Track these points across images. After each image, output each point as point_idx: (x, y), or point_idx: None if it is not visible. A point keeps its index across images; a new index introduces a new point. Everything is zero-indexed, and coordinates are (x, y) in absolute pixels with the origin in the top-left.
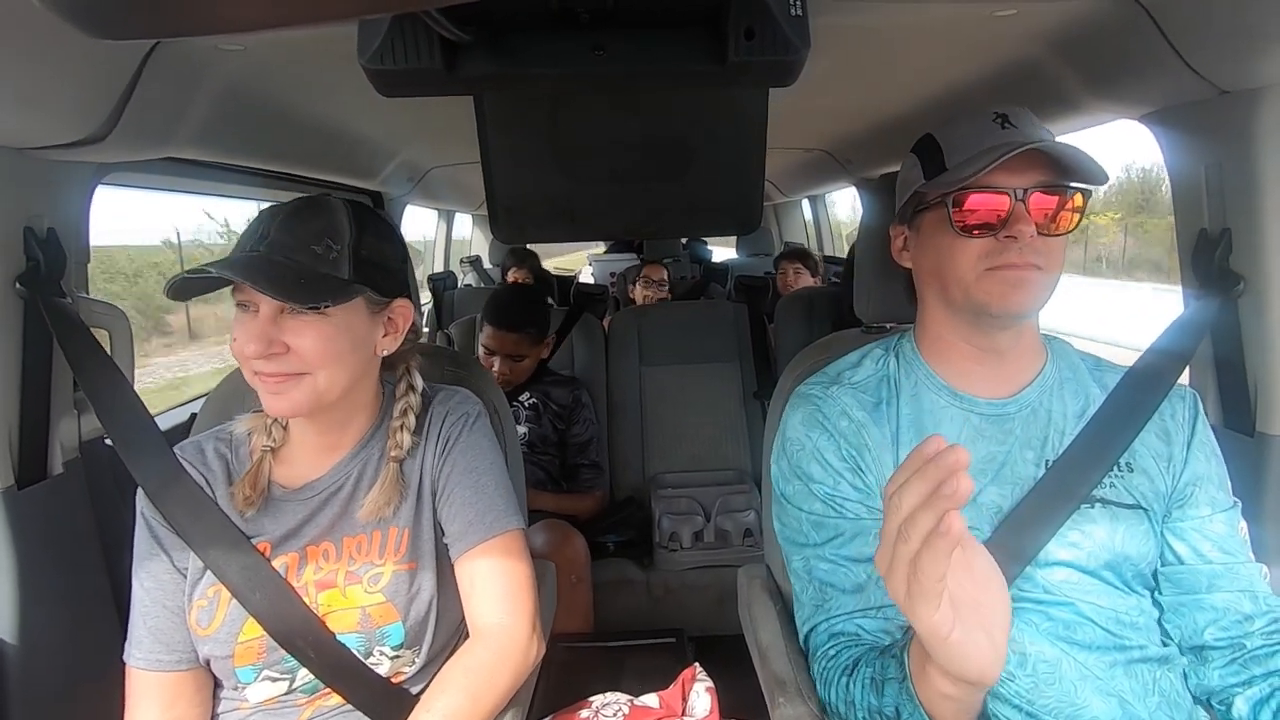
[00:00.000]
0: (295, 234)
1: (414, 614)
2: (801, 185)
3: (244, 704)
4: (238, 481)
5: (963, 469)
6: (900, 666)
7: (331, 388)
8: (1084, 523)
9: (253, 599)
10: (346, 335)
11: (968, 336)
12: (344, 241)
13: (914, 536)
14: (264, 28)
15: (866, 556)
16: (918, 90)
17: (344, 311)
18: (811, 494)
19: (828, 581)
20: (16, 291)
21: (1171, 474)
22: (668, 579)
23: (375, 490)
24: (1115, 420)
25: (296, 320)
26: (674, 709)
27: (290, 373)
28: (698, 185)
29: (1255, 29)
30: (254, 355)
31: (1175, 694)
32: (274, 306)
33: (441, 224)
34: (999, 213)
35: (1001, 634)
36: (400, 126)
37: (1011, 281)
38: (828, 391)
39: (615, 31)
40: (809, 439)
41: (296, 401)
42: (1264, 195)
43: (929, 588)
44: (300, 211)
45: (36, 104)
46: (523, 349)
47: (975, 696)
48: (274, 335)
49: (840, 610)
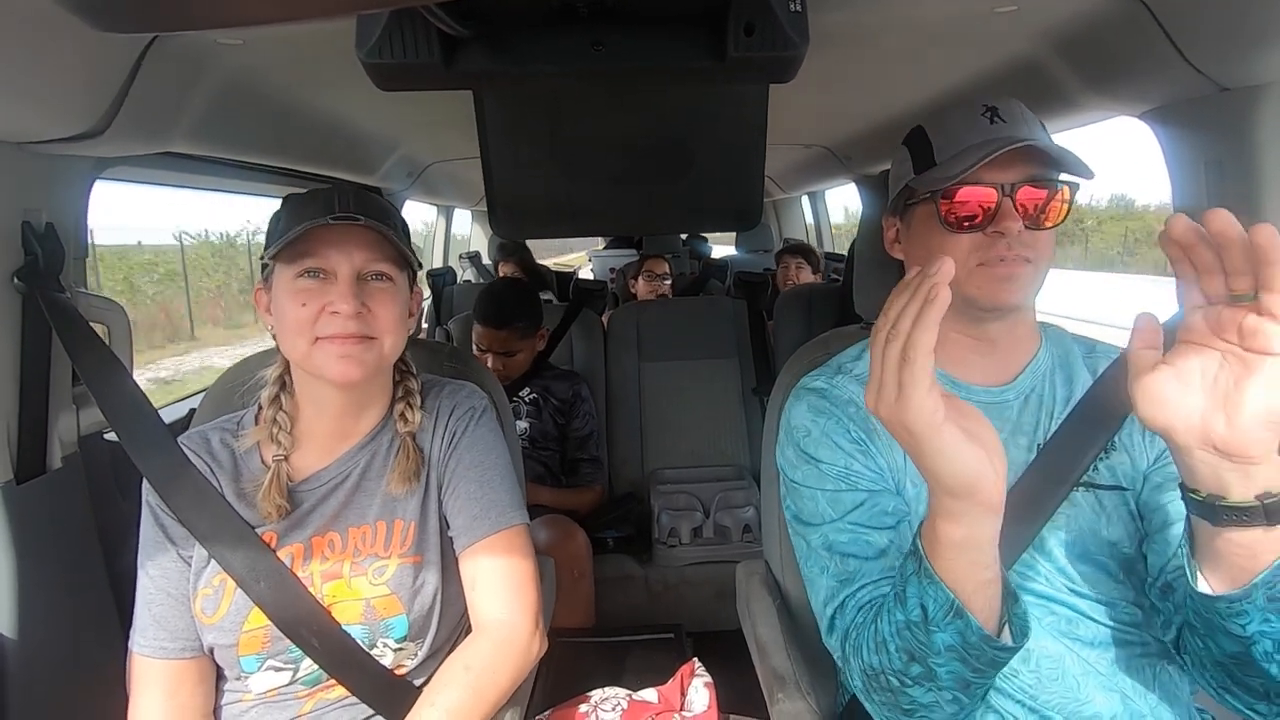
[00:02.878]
0: (371, 207)
1: (418, 607)
2: (801, 182)
3: (246, 695)
4: (263, 493)
5: (948, 272)
6: (914, 556)
7: (392, 354)
8: (1072, 508)
9: (257, 588)
10: (404, 304)
11: (961, 327)
12: (397, 220)
13: (904, 320)
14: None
15: (885, 524)
16: (917, 87)
17: (404, 281)
18: (823, 474)
19: (849, 552)
20: (15, 286)
21: (1156, 444)
22: (667, 574)
23: (400, 461)
24: (1102, 405)
25: (372, 286)
26: (672, 704)
27: (367, 335)
28: (697, 181)
29: (1255, 26)
30: (349, 313)
31: (1175, 688)
32: (355, 270)
33: (440, 220)
34: (987, 208)
35: (999, 459)
36: (399, 121)
37: (1000, 277)
38: (832, 381)
39: (615, 27)
40: (816, 425)
41: (366, 365)
42: (1263, 191)
43: (920, 365)
44: (360, 191)
45: (35, 98)
46: (514, 344)
47: (983, 529)
48: (360, 297)
49: (867, 578)
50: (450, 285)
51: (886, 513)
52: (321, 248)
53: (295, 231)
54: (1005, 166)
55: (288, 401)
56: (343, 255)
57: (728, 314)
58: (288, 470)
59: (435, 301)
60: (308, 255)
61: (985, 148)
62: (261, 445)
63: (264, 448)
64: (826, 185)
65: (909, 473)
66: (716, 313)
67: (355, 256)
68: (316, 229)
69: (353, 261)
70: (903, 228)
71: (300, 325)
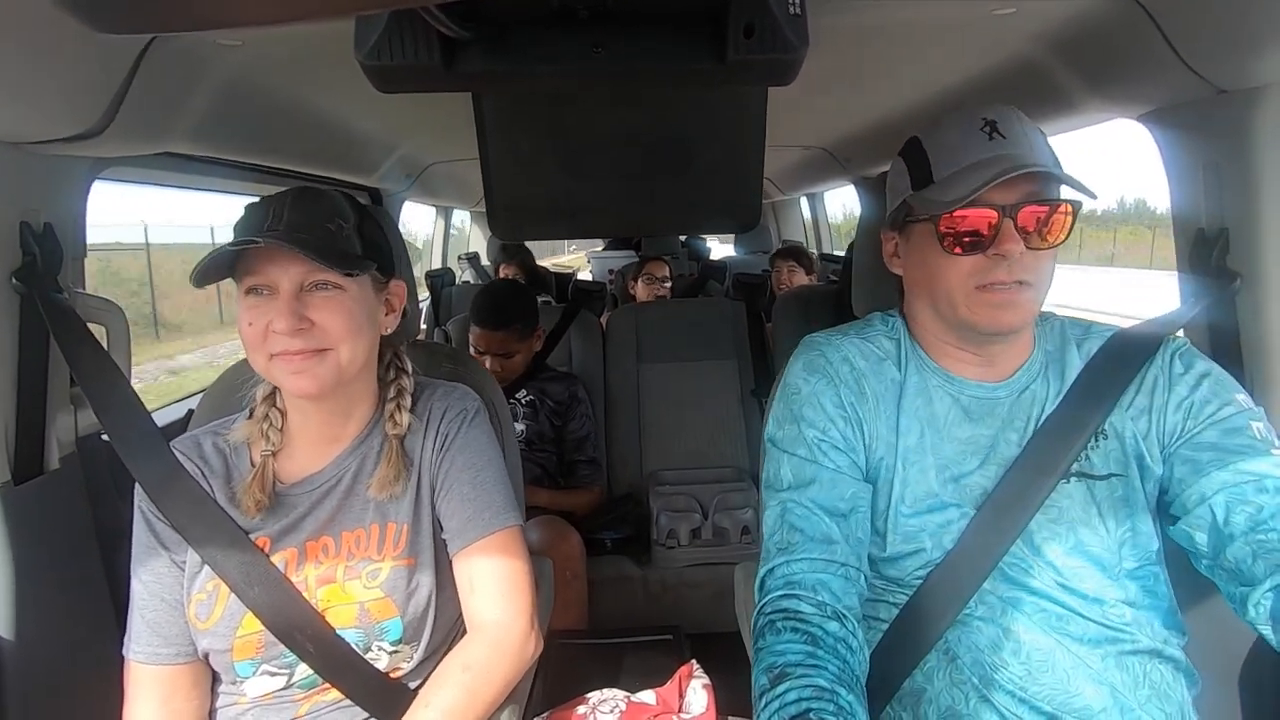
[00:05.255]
0: (309, 214)
1: (412, 609)
2: (800, 183)
3: (241, 699)
4: (244, 487)
5: None
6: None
7: (352, 363)
8: (1063, 500)
9: (251, 593)
10: (362, 309)
11: (961, 344)
12: (350, 221)
13: None
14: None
15: (840, 511)
16: (916, 89)
17: (358, 286)
18: (801, 437)
19: (798, 527)
20: (13, 287)
21: (1157, 423)
22: (665, 576)
23: (382, 467)
24: (1092, 391)
25: (317, 297)
26: (671, 706)
27: (315, 349)
28: (696, 183)
29: (1253, 29)
30: (285, 330)
31: (1166, 687)
32: (295, 284)
33: (439, 221)
34: (988, 230)
35: None
36: (398, 122)
37: (998, 304)
38: (831, 339)
39: (614, 29)
40: (807, 383)
41: (321, 378)
42: (1261, 193)
43: None
44: (304, 195)
45: (33, 98)
46: (511, 345)
47: None
48: (300, 311)
49: (803, 554)
50: (449, 287)
51: (843, 499)
52: (261, 264)
53: (227, 254)
54: (1006, 187)
55: (281, 400)
56: (280, 270)
57: (726, 315)
58: (277, 471)
59: (434, 303)
60: (249, 272)
61: (985, 170)
62: (252, 443)
63: (254, 445)
64: (825, 187)
65: (883, 439)
66: (715, 314)
67: (292, 270)
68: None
69: (291, 276)
70: (902, 242)
71: (254, 342)
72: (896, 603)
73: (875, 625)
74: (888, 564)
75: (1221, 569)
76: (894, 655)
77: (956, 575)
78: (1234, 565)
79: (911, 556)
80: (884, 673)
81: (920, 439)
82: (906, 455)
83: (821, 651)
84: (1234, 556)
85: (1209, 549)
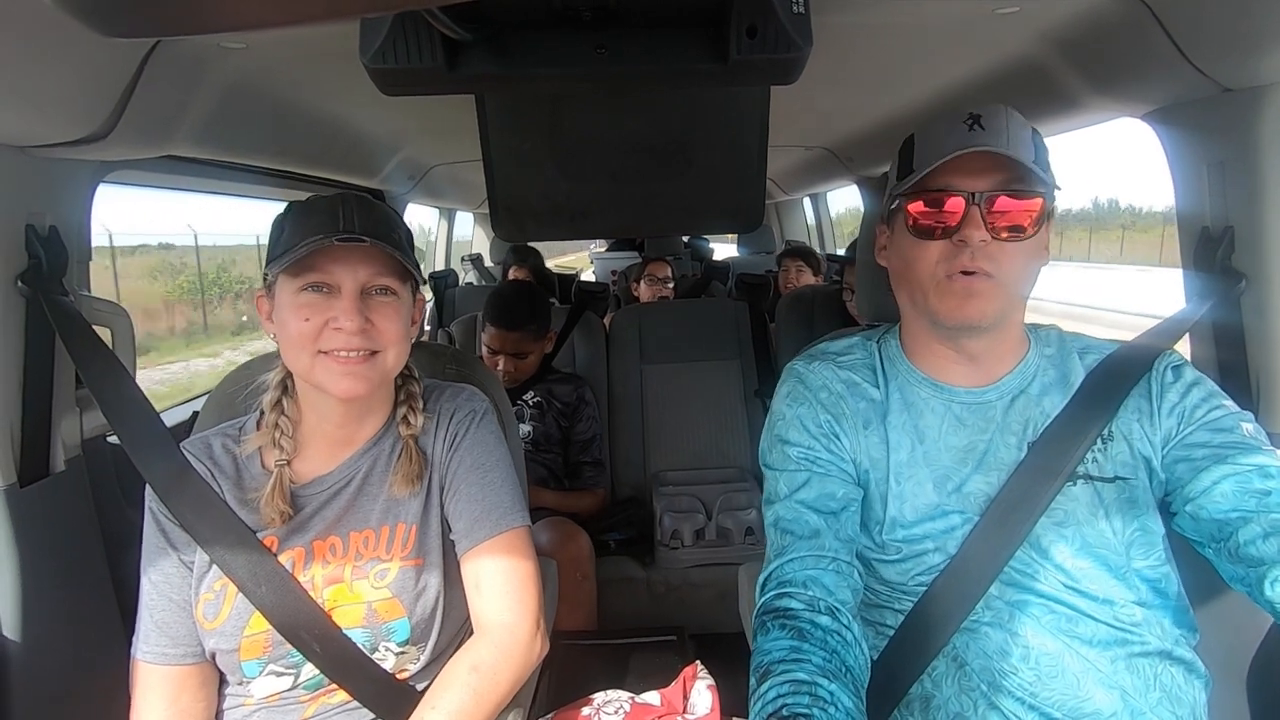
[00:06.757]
0: (376, 220)
1: (420, 610)
2: (803, 183)
3: (248, 699)
4: (266, 500)
5: None
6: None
7: (396, 366)
8: (1069, 503)
9: (258, 593)
10: (407, 316)
11: (939, 339)
12: (402, 231)
13: None
14: (268, 26)
15: (826, 508)
16: (920, 88)
17: (407, 293)
18: (788, 456)
19: (788, 529)
20: (18, 289)
21: (1156, 427)
22: (669, 577)
23: (403, 464)
24: (1096, 396)
25: (375, 300)
26: (675, 707)
27: (370, 350)
28: (699, 183)
29: (1258, 27)
30: (353, 330)
31: (1177, 689)
32: (358, 286)
33: (443, 222)
34: (953, 215)
35: None
36: (402, 124)
37: (961, 292)
38: (810, 366)
39: (617, 30)
40: (790, 410)
41: (370, 380)
42: (1266, 193)
43: None
44: (365, 202)
45: (38, 102)
46: (526, 346)
47: None
48: (364, 312)
49: (794, 553)
50: (452, 288)
51: (834, 497)
52: (326, 263)
53: (302, 250)
54: (977, 175)
55: (290, 406)
56: (347, 271)
57: (730, 316)
58: (290, 475)
59: (437, 304)
60: (312, 270)
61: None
62: (263, 450)
63: (265, 453)
64: (828, 187)
65: (871, 455)
66: (718, 315)
67: (360, 272)
68: None
69: (357, 277)
70: (889, 235)
71: (303, 339)
72: (902, 609)
73: (882, 631)
74: (889, 568)
75: (1232, 553)
76: (901, 660)
77: (962, 581)
78: (1246, 547)
79: (915, 560)
80: (891, 677)
81: (911, 453)
82: (899, 471)
83: (807, 645)
84: (1245, 538)
85: (1218, 533)
